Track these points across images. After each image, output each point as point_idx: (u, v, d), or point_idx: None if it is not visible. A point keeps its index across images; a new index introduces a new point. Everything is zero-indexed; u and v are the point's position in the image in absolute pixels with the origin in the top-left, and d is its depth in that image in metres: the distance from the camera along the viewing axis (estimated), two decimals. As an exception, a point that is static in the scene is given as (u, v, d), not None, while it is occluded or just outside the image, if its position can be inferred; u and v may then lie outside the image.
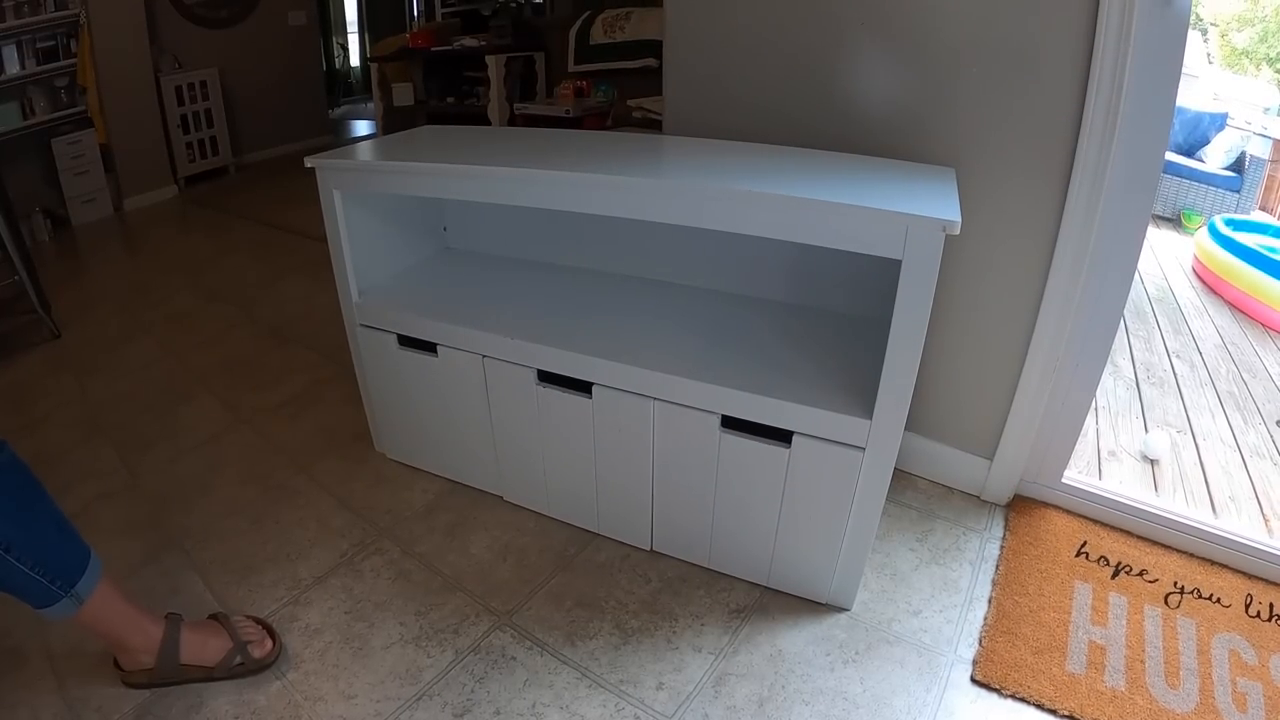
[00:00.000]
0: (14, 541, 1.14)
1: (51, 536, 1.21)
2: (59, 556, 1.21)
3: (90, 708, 1.36)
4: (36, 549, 1.17)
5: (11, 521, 1.14)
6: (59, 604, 1.21)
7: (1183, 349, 3.28)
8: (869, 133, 1.72)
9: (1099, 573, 1.64)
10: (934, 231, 1.16)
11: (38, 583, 1.18)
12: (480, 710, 1.36)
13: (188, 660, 1.36)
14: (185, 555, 1.73)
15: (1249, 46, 7.34)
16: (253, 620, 1.47)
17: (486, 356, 1.68)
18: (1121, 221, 1.53)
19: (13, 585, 1.17)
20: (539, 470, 1.77)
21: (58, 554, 1.21)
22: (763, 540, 1.55)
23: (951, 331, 1.78)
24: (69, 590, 1.21)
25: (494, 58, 4.40)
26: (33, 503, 1.20)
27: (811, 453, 1.40)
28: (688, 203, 1.34)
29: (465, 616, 1.56)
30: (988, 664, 1.43)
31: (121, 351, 2.77)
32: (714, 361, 1.51)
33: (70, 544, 1.24)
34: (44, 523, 1.20)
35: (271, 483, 1.99)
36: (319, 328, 2.89)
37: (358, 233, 1.81)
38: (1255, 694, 1.36)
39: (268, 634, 1.45)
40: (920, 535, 1.77)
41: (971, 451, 1.87)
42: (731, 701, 1.37)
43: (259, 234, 4.22)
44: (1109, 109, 1.43)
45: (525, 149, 1.72)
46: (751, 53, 1.83)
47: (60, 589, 1.21)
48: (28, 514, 1.18)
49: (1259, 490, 2.13)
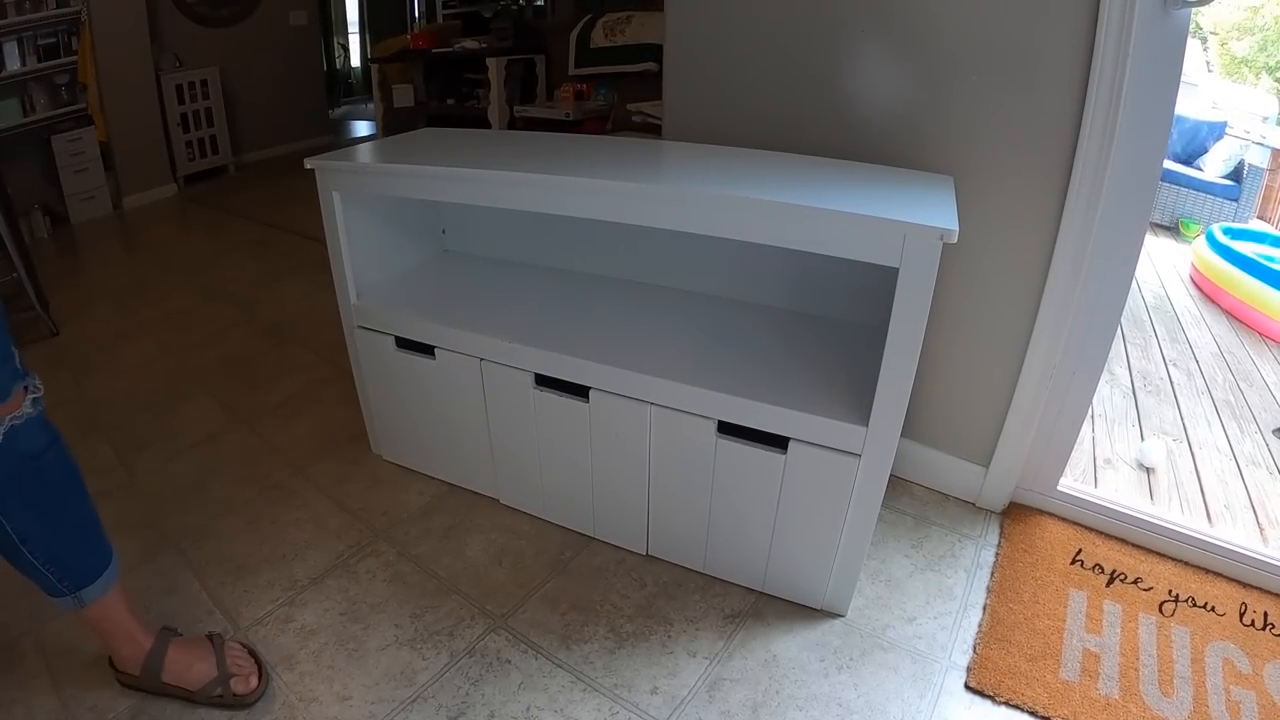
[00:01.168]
0: (32, 535, 1.17)
1: (72, 539, 1.23)
2: (74, 559, 1.24)
3: (85, 706, 1.36)
4: (53, 547, 1.20)
5: (37, 516, 1.17)
6: (62, 599, 1.25)
7: (1180, 357, 3.28)
8: (868, 139, 1.73)
9: (1094, 580, 1.65)
10: (932, 240, 1.16)
11: (47, 577, 1.22)
12: (475, 713, 1.36)
13: (169, 680, 1.35)
14: (181, 555, 1.73)
15: (1248, 55, 7.35)
16: (247, 651, 1.42)
17: (484, 359, 1.68)
18: (1119, 229, 1.53)
19: (26, 572, 1.21)
20: (535, 474, 1.77)
21: (73, 557, 1.24)
22: (758, 546, 1.55)
23: (948, 338, 1.78)
24: (74, 592, 1.25)
25: (495, 60, 4.41)
26: (65, 503, 1.22)
27: (807, 459, 1.41)
28: (686, 209, 1.35)
29: (460, 619, 1.56)
30: (982, 671, 1.43)
31: (119, 350, 2.77)
32: (711, 367, 1.52)
33: (90, 551, 1.27)
34: (69, 525, 1.23)
35: (268, 483, 1.99)
36: (317, 329, 2.89)
37: (357, 234, 1.82)
38: (1249, 703, 1.37)
39: (256, 669, 1.40)
40: (915, 542, 1.77)
41: (967, 459, 1.87)
42: (726, 707, 1.37)
43: (258, 234, 4.22)
44: (1108, 117, 1.43)
45: (525, 153, 1.72)
46: (752, 58, 1.83)
47: (67, 588, 1.24)
48: (56, 513, 1.20)
49: (1254, 499, 2.13)
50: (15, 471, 1.12)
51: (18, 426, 1.10)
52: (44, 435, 1.16)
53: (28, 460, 1.13)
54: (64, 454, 1.21)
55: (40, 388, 1.15)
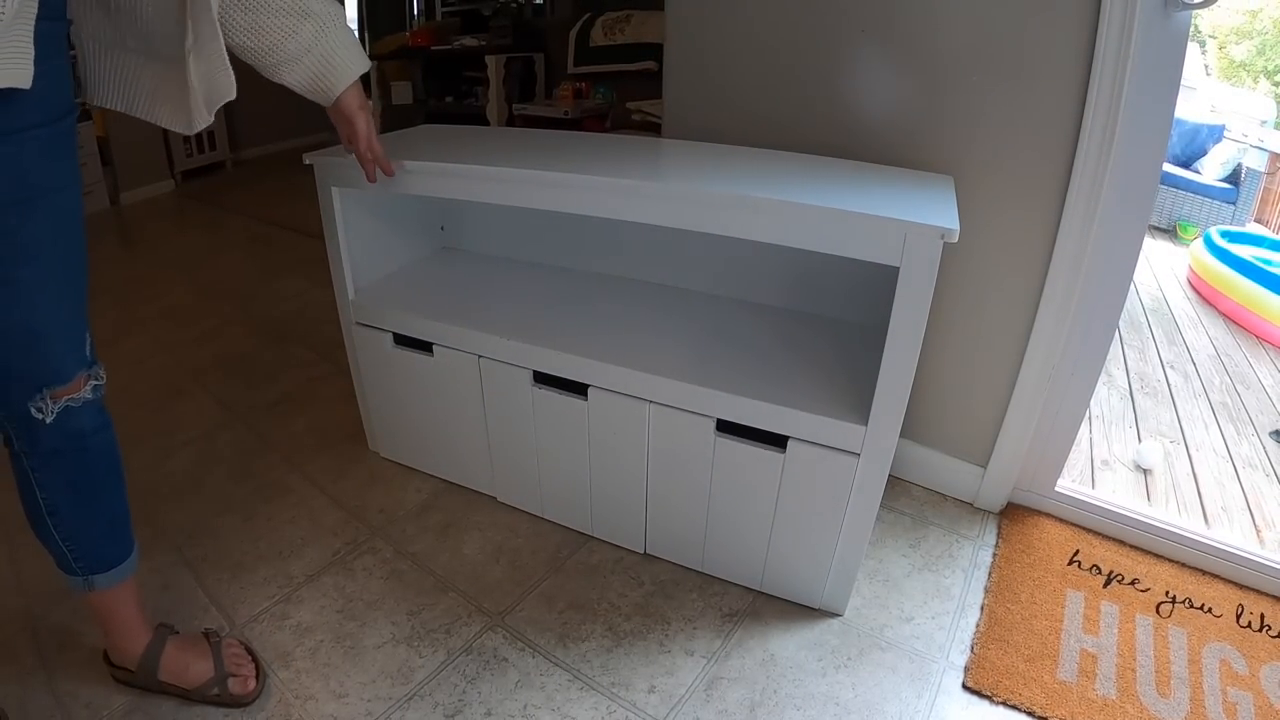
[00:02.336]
0: (61, 511, 1.19)
1: (97, 526, 1.24)
2: (93, 545, 1.24)
3: (80, 703, 1.35)
4: (77, 528, 1.21)
5: (71, 494, 1.18)
6: (73, 578, 1.25)
7: (1177, 360, 3.29)
8: (868, 138, 1.72)
9: (1091, 581, 1.65)
10: (932, 239, 1.16)
11: (64, 553, 1.22)
12: (471, 711, 1.35)
13: (165, 679, 1.34)
14: (177, 552, 1.73)
15: (1247, 59, 7.38)
16: (245, 650, 1.41)
17: (482, 357, 1.68)
18: (1118, 231, 1.53)
19: (45, 543, 1.22)
20: (533, 472, 1.76)
21: (94, 542, 1.24)
22: (756, 545, 1.55)
23: (947, 339, 1.78)
24: (86, 575, 1.25)
25: (493, 58, 4.40)
26: (100, 489, 1.23)
27: (806, 458, 1.40)
28: (685, 206, 1.34)
29: (457, 617, 1.56)
30: (979, 671, 1.43)
31: (115, 346, 2.76)
32: (710, 365, 1.51)
33: (112, 541, 1.27)
34: (100, 510, 1.24)
35: (264, 480, 1.98)
36: (315, 325, 2.89)
37: (355, 230, 1.81)
38: (1246, 704, 1.37)
39: (254, 670, 1.39)
40: (913, 542, 1.77)
41: (965, 459, 1.87)
42: (723, 706, 1.37)
43: (255, 230, 4.21)
44: (1108, 119, 1.43)
45: (523, 150, 1.71)
46: (751, 58, 1.83)
47: (80, 569, 1.24)
48: (89, 496, 1.21)
49: (1251, 501, 2.13)
50: (60, 449, 1.14)
51: (74, 409, 1.12)
52: (96, 420, 1.17)
53: (75, 439, 1.14)
54: (111, 443, 1.22)
55: (103, 376, 1.17)
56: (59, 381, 1.09)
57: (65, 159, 1.01)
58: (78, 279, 1.10)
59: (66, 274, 1.07)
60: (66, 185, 1.03)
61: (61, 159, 1.00)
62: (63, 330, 1.09)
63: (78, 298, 1.11)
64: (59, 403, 1.09)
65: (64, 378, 1.09)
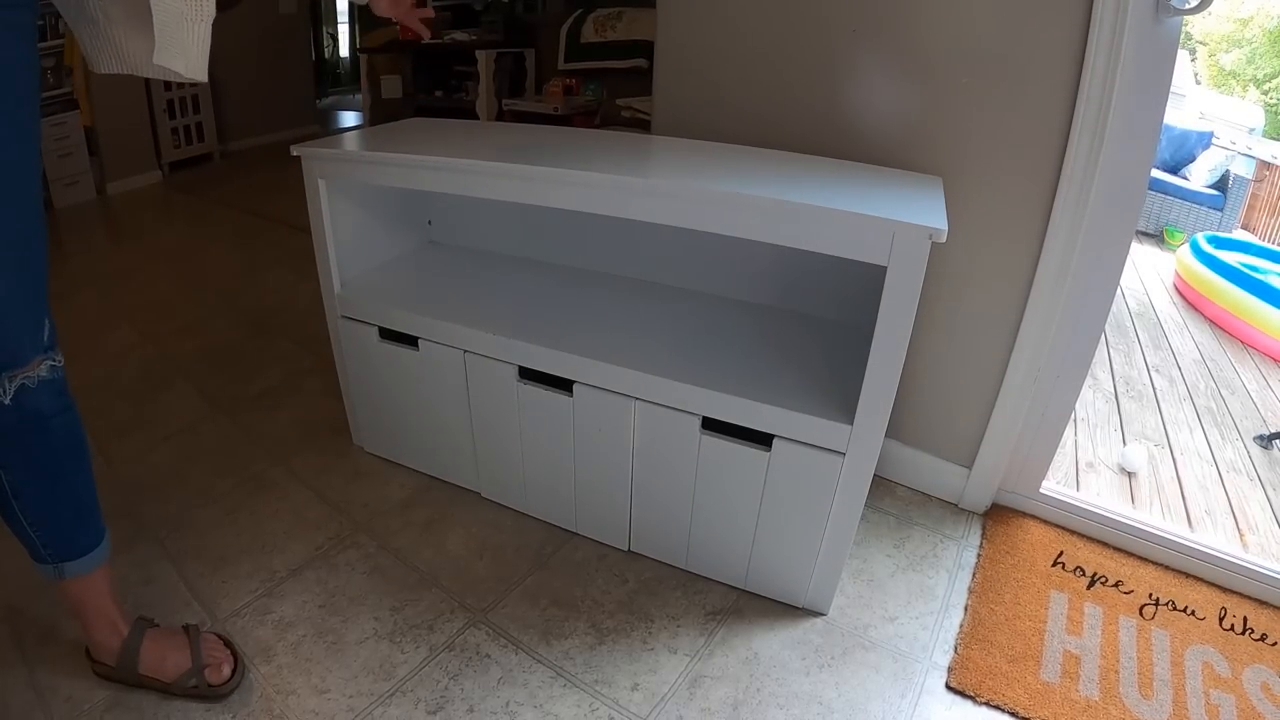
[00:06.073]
0: (25, 493, 1.17)
1: (64, 509, 1.22)
2: (61, 530, 1.23)
3: (60, 697, 1.33)
4: (43, 510, 1.20)
5: (34, 475, 1.17)
6: (44, 567, 1.24)
7: (1162, 364, 3.31)
8: (857, 139, 1.72)
9: (1075, 583, 1.65)
10: (920, 239, 1.16)
11: (33, 539, 1.21)
12: (453, 707, 1.35)
13: (145, 671, 1.33)
14: (159, 545, 1.71)
15: (1236, 67, 7.43)
16: (222, 642, 1.40)
17: (468, 352, 1.67)
18: (1106, 236, 1.54)
19: (15, 531, 1.21)
20: (518, 468, 1.76)
21: (61, 527, 1.23)
22: (741, 543, 1.55)
23: (933, 340, 1.78)
24: (56, 562, 1.24)
25: (484, 53, 4.39)
26: (63, 471, 1.21)
27: (791, 456, 1.40)
28: (673, 203, 1.34)
29: (440, 613, 1.55)
30: (963, 671, 1.43)
31: (100, 337, 2.73)
32: (696, 363, 1.51)
33: (81, 527, 1.26)
34: (64, 493, 1.22)
35: (248, 474, 1.97)
36: (300, 318, 2.87)
37: (341, 223, 1.80)
38: (1228, 706, 1.37)
39: (230, 658, 1.38)
40: (898, 542, 1.77)
41: (951, 460, 1.88)
42: (706, 704, 1.37)
43: (242, 222, 4.18)
44: (1097, 124, 1.44)
45: (512, 144, 1.71)
46: (742, 56, 1.83)
47: (49, 557, 1.23)
48: (53, 477, 1.19)
49: (1234, 505, 2.15)
50: (20, 428, 1.12)
51: (29, 388, 1.10)
52: (56, 402, 1.15)
53: (35, 419, 1.12)
54: (75, 425, 1.21)
55: (60, 360, 1.15)
56: (14, 365, 1.07)
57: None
58: (29, 256, 1.05)
59: (12, 251, 1.01)
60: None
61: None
62: (16, 313, 1.05)
63: (34, 280, 1.07)
64: (14, 382, 1.07)
65: (19, 362, 1.07)
